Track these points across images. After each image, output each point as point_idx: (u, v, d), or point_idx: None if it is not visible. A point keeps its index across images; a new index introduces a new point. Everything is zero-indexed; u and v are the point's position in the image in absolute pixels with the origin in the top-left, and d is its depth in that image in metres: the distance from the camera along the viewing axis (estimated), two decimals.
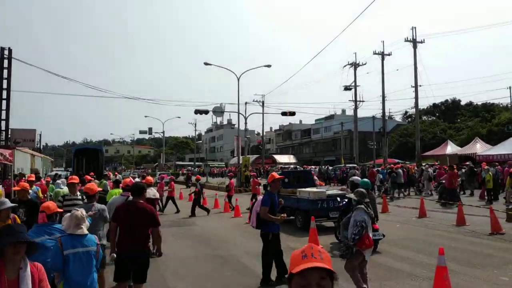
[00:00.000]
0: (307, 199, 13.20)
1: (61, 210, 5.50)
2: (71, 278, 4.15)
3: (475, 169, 23.10)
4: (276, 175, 7.95)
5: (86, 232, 4.40)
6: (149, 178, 11.52)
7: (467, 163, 27.09)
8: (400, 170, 24.42)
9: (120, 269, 5.54)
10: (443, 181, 20.23)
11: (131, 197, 6.26)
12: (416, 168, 28.64)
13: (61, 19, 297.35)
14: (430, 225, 13.43)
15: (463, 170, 23.79)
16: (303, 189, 14.11)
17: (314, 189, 14.30)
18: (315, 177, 19.89)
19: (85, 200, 6.86)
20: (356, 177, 11.81)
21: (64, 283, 4.17)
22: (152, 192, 9.43)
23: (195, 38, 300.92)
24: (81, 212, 4.51)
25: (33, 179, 11.57)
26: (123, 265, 5.50)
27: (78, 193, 8.10)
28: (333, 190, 15.63)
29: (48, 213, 4.81)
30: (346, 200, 11.86)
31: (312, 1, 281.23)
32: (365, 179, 11.22)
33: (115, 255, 5.56)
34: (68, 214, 4.53)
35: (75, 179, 8.63)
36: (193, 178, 32.70)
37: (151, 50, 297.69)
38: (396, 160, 42.69)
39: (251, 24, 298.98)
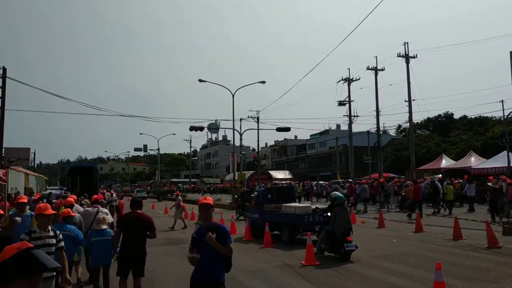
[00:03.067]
0: (294, 213, 13.72)
1: (74, 214, 7.88)
2: (95, 253, 7.27)
3: (437, 183, 24.52)
4: (204, 199, 5.14)
5: (104, 227, 7.42)
6: (70, 199, 9.85)
7: (431, 177, 28.58)
8: (365, 185, 26.46)
9: (123, 267, 6.82)
10: (403, 193, 23.58)
11: (101, 208, 9.10)
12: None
13: (54, 39, 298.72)
14: (427, 240, 13.39)
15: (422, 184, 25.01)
16: (289, 204, 14.71)
17: (299, 204, 15.05)
18: None
19: (60, 236, 5.74)
20: (335, 192, 12.92)
21: (91, 257, 7.44)
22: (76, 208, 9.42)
23: (189, 57, 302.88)
24: (102, 216, 7.77)
25: (25, 200, 9.38)
26: (127, 264, 6.79)
27: (50, 228, 5.57)
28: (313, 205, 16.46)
29: (63, 216, 7.29)
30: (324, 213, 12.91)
31: (305, 17, 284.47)
32: (339, 194, 12.13)
33: (116, 255, 6.97)
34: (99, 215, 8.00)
35: (44, 208, 5.65)
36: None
37: (145, 67, 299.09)
38: (392, 175, 42.72)
39: (245, 41, 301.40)
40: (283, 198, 16.01)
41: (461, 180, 26.60)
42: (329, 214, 11.73)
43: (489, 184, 19.67)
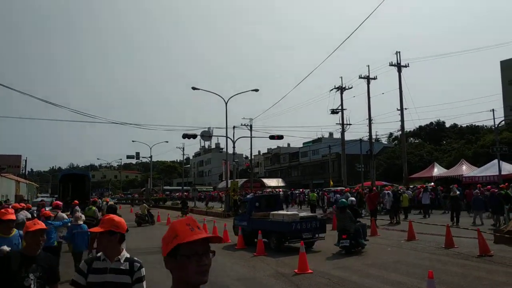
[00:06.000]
0: (282, 221, 13.99)
1: (53, 215, 10.57)
2: (77, 242, 9.78)
3: (399, 192, 26.03)
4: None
5: (80, 223, 10.01)
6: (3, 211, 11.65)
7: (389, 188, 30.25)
8: (347, 194, 27.38)
9: None
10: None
11: (60, 214, 11.43)
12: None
13: (45, 45, 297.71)
14: (419, 248, 13.44)
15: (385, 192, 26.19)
16: (277, 212, 15.02)
17: (287, 212, 15.43)
18: None
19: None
20: (351, 198, 15.19)
21: (73, 245, 9.92)
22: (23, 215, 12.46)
23: (182, 63, 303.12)
24: (79, 214, 10.57)
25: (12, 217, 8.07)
26: None
27: (123, 258, 3.43)
28: (303, 213, 17.11)
29: (48, 215, 9.88)
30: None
31: (298, 25, 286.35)
32: (343, 200, 14.37)
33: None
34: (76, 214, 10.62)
35: (113, 222, 3.44)
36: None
37: (138, 74, 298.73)
38: (384, 183, 42.86)
39: (238, 49, 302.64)
40: (271, 206, 16.40)
41: (421, 190, 28.32)
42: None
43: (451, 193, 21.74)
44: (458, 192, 21.39)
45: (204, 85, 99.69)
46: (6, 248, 5.04)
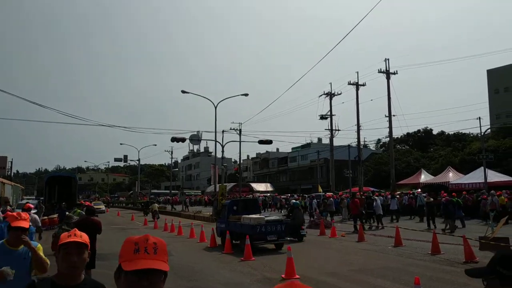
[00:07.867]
0: (248, 224, 14.90)
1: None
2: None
3: (372, 198, 26.57)
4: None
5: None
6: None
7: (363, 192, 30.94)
8: (331, 199, 28.92)
9: None
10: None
11: (33, 214, 11.66)
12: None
13: (32, 47, 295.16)
14: (406, 254, 13.51)
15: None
16: (246, 215, 15.81)
17: (254, 216, 15.96)
18: None
19: None
20: (293, 200, 19.58)
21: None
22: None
23: (172, 66, 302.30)
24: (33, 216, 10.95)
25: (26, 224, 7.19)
26: None
27: None
28: (271, 216, 17.82)
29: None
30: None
31: (287, 30, 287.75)
32: (295, 201, 18.53)
33: None
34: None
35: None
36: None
37: (127, 77, 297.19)
38: (372, 189, 43.10)
39: (229, 54, 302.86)
40: (249, 209, 17.15)
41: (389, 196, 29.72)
42: (290, 214, 16.80)
43: (425, 199, 23.50)
44: (432, 199, 22.94)
45: (194, 90, 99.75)
46: (8, 270, 3.61)
